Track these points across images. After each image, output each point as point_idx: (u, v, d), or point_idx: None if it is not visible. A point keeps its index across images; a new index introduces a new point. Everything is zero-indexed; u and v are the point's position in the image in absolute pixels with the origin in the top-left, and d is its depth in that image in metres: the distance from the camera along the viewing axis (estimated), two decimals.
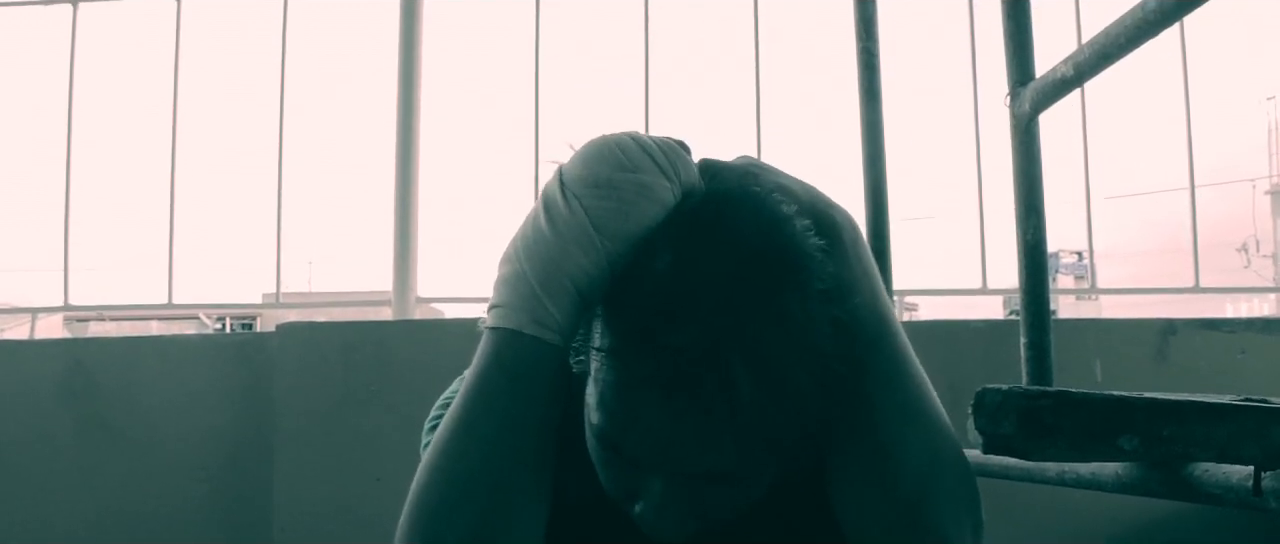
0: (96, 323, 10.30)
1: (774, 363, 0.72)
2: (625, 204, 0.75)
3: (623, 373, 0.73)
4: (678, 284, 0.72)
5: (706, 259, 0.73)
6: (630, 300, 0.74)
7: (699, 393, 0.70)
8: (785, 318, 0.72)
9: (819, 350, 0.74)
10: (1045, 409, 0.77)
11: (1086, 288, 3.11)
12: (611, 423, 0.75)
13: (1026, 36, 1.52)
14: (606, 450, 0.77)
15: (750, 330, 0.71)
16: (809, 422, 0.77)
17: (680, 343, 0.70)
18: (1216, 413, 0.77)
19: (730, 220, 0.75)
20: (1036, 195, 1.52)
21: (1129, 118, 12.18)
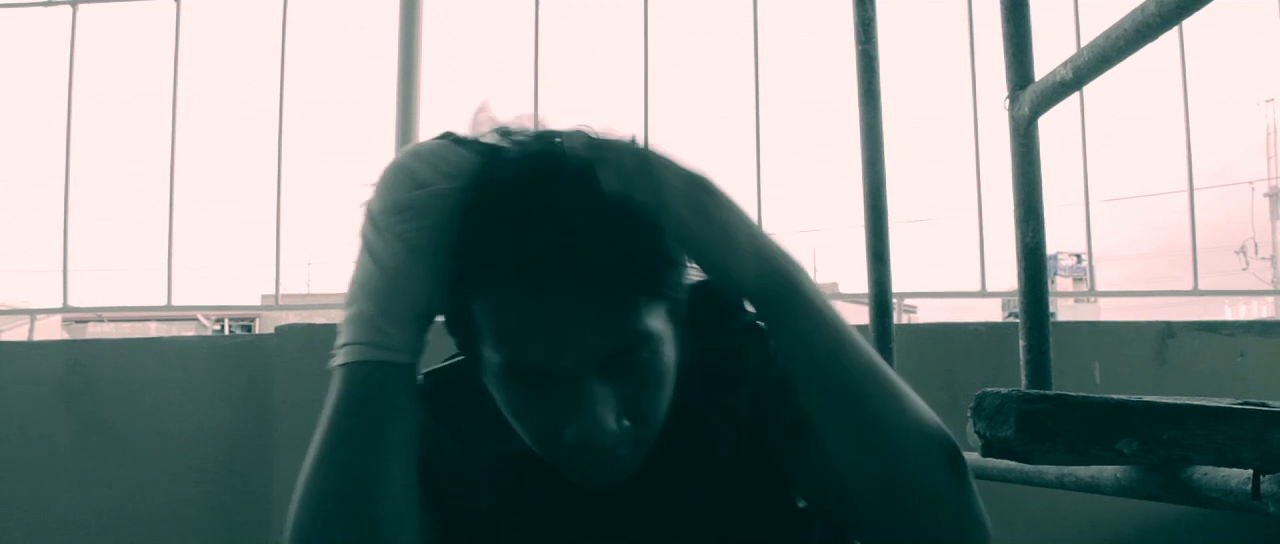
0: (95, 324, 10.30)
1: (597, 235, 0.77)
2: (435, 214, 0.80)
3: (502, 315, 0.79)
4: (493, 229, 0.78)
5: (503, 202, 0.79)
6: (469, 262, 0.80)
7: (560, 284, 0.77)
8: (587, 187, 0.77)
9: (632, 217, 0.77)
10: (1044, 413, 0.77)
11: (1086, 291, 3.11)
12: (509, 347, 0.80)
13: (1026, 40, 1.52)
14: (517, 380, 0.81)
15: (564, 217, 0.77)
16: (660, 275, 0.81)
17: (529, 253, 0.77)
18: (1215, 416, 0.77)
19: (511, 168, 0.81)
20: (1036, 198, 1.52)
21: (1128, 120, 12.24)
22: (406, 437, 0.82)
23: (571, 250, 0.77)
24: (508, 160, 0.82)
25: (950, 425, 0.83)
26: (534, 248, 0.77)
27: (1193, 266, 2.46)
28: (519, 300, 0.78)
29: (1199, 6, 0.96)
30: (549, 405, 0.81)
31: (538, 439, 0.85)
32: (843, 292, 3.29)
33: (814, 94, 12.19)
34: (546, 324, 0.78)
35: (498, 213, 0.79)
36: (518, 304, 0.78)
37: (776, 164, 2.65)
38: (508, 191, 0.79)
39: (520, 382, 0.81)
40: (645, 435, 0.85)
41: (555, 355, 0.79)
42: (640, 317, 0.81)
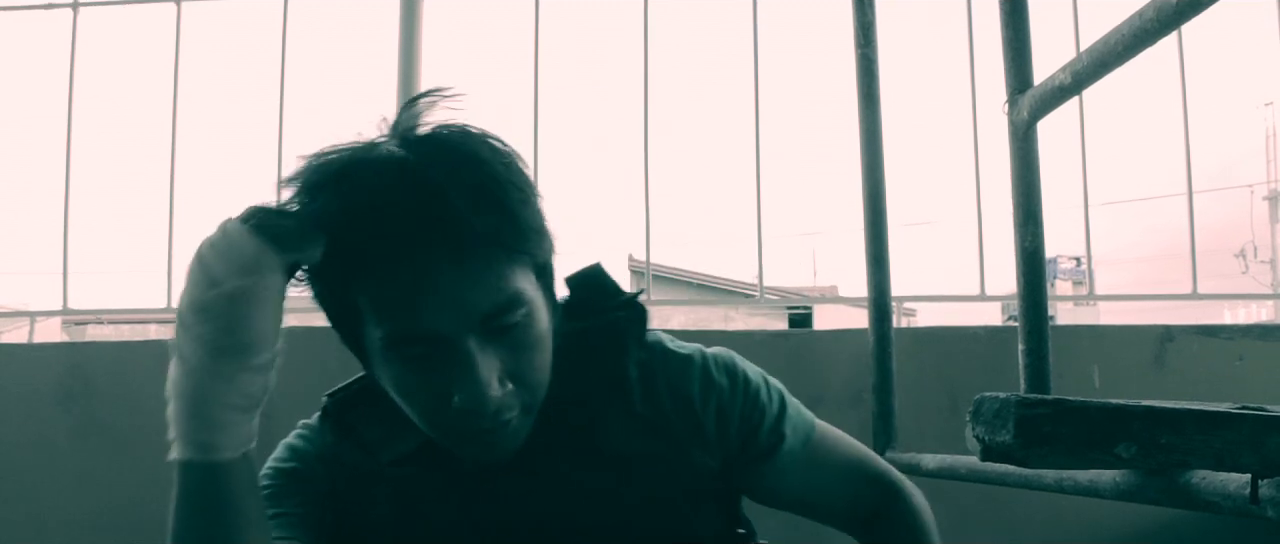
0: (94, 326, 10.29)
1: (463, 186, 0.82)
2: (232, 313, 0.80)
3: (382, 287, 0.83)
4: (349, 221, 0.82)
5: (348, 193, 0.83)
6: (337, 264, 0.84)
7: (432, 249, 0.81)
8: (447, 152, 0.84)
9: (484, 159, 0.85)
10: (1043, 417, 0.77)
11: (1085, 294, 3.11)
12: (391, 317, 0.83)
13: (1025, 44, 1.52)
14: (403, 353, 0.84)
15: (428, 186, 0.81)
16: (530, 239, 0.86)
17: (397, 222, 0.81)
18: (1214, 421, 0.77)
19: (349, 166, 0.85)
20: (1035, 202, 1.52)
21: (1127, 123, 12.27)
22: (249, 522, 0.84)
23: (440, 214, 0.81)
24: (371, 145, 0.86)
25: (949, 429, 0.84)
26: (404, 215, 0.81)
27: (1192, 270, 2.46)
28: (395, 269, 0.81)
29: (1197, 11, 0.96)
30: (434, 376, 0.84)
31: (428, 414, 0.88)
32: (842, 295, 3.28)
33: (814, 97, 12.11)
34: (424, 288, 0.81)
35: (367, 188, 0.82)
36: (394, 273, 0.82)
37: (776, 167, 2.65)
38: (375, 167, 0.83)
39: (405, 356, 0.84)
40: (530, 402, 0.89)
41: (434, 317, 0.82)
42: (512, 278, 0.84)
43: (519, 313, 0.85)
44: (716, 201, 40.98)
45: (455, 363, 0.83)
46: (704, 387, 1.00)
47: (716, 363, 1.02)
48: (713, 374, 1.01)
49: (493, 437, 0.88)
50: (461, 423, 0.86)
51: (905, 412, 2.02)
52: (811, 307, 14.75)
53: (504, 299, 0.84)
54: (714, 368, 1.01)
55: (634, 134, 2.52)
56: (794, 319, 14.92)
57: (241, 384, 0.81)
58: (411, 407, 0.88)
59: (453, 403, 0.84)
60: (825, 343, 2.26)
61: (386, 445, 0.95)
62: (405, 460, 0.94)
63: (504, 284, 0.84)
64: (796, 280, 19.64)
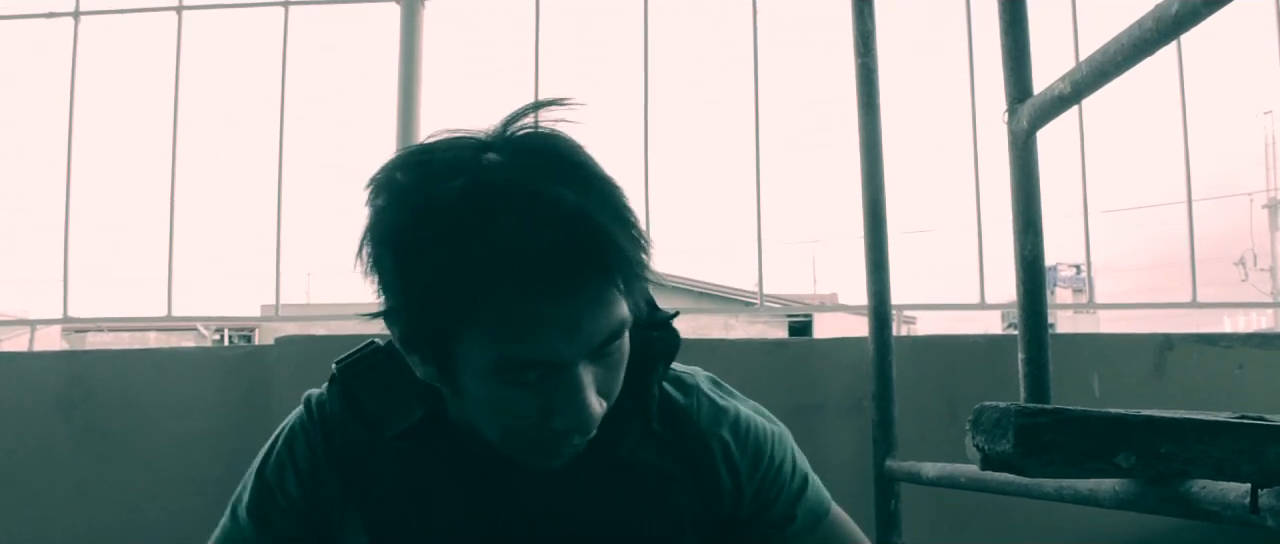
0: (94, 334, 10.29)
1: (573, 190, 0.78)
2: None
3: (508, 314, 0.78)
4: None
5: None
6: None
7: (567, 278, 0.76)
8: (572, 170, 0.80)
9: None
10: (1043, 426, 0.77)
11: (1085, 303, 3.11)
12: (515, 343, 0.78)
13: (1024, 54, 1.53)
14: (511, 376, 0.80)
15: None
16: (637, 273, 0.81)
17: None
18: (1213, 430, 0.77)
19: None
20: (1034, 211, 1.52)
21: (1127, 131, 12.25)
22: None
23: (597, 256, 0.77)
24: (490, 165, 0.79)
25: (949, 438, 0.84)
26: (564, 257, 0.76)
27: (1192, 278, 2.46)
28: (526, 298, 0.76)
29: (1197, 21, 0.96)
30: (537, 397, 0.82)
31: (518, 433, 0.86)
32: (842, 302, 3.28)
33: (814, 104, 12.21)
34: (553, 318, 0.78)
35: (521, 225, 0.76)
36: (526, 301, 0.76)
37: (777, 174, 2.65)
38: (499, 191, 0.77)
39: (515, 379, 0.81)
40: (605, 414, 0.87)
41: (556, 345, 0.79)
42: (625, 303, 0.82)
43: (625, 337, 0.85)
44: (716, 209, 40.98)
45: (564, 386, 0.81)
46: (729, 443, 0.99)
47: (751, 427, 1.01)
48: (744, 436, 1.00)
49: (575, 449, 0.88)
50: (554, 439, 0.85)
51: (905, 420, 2.02)
52: (811, 314, 14.74)
53: (619, 325, 0.82)
54: (746, 429, 1.01)
55: (634, 141, 2.52)
56: (794, 327, 14.92)
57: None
58: (498, 422, 0.86)
59: (552, 423, 0.83)
60: (825, 351, 2.26)
61: (389, 419, 0.94)
62: (409, 434, 0.93)
63: (623, 310, 0.82)
64: (796, 288, 19.64)
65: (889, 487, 1.94)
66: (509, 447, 0.88)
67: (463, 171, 0.78)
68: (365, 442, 0.95)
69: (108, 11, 2.57)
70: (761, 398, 1.08)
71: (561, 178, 0.78)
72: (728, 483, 0.99)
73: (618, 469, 0.95)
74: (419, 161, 0.82)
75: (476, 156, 0.80)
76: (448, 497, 0.94)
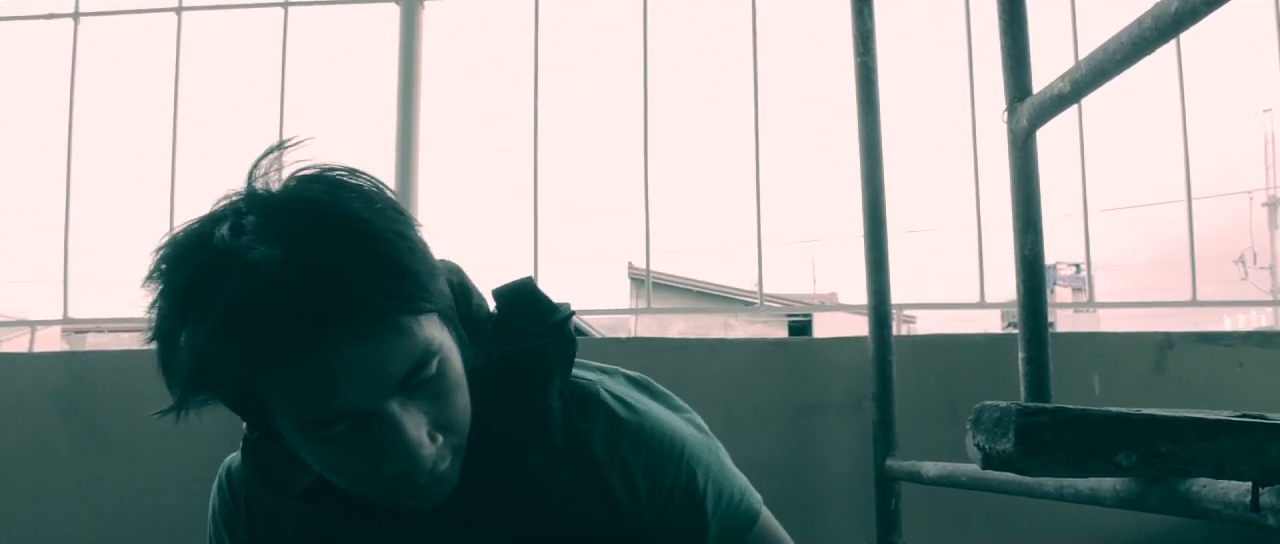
0: (94, 334, 10.29)
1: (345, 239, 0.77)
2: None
3: (289, 380, 0.78)
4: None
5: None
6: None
7: (331, 331, 0.75)
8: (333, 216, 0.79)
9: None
10: (1043, 426, 0.77)
11: (1084, 302, 3.10)
12: (306, 405, 0.78)
13: (1024, 53, 1.53)
14: (323, 434, 0.80)
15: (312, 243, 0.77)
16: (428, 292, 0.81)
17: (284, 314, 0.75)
18: (1214, 429, 0.77)
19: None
20: (1034, 210, 1.52)
21: (1126, 130, 12.26)
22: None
23: (336, 298, 0.75)
24: (234, 230, 0.78)
25: (949, 437, 0.84)
26: (298, 309, 0.74)
27: (1191, 276, 2.46)
28: (299, 360, 0.76)
29: (1196, 20, 0.96)
30: (362, 447, 0.81)
31: (360, 482, 0.85)
32: (842, 302, 3.28)
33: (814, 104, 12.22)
34: (335, 372, 0.77)
35: (256, 287, 0.74)
36: (299, 364, 0.76)
37: (776, 174, 2.66)
38: (251, 266, 0.75)
39: (327, 436, 0.80)
40: (458, 444, 0.86)
41: (351, 396, 0.78)
42: (419, 332, 0.80)
43: (433, 364, 0.82)
44: (716, 209, 40.97)
45: (380, 431, 0.80)
46: (627, 458, 0.95)
47: (653, 439, 0.97)
48: (646, 449, 0.96)
49: (430, 489, 0.86)
50: (397, 485, 0.84)
51: (905, 419, 2.02)
52: (811, 314, 14.73)
53: (417, 357, 0.80)
54: (648, 442, 0.96)
55: (634, 141, 2.52)
56: (794, 327, 14.92)
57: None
58: (341, 480, 0.85)
59: (383, 469, 0.81)
60: (825, 350, 2.26)
61: (293, 479, 0.93)
62: (312, 492, 0.92)
63: (414, 342, 0.80)
64: (796, 287, 19.64)
65: (889, 486, 1.94)
66: (373, 494, 0.87)
67: (194, 253, 0.79)
68: (275, 500, 0.96)
69: (107, 13, 2.57)
70: (762, 398, 1.07)
71: (314, 232, 0.77)
72: (626, 497, 0.95)
73: (523, 492, 0.93)
74: (168, 250, 0.81)
75: (211, 233, 0.79)
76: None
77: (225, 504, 1.02)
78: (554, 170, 2.41)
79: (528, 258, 2.56)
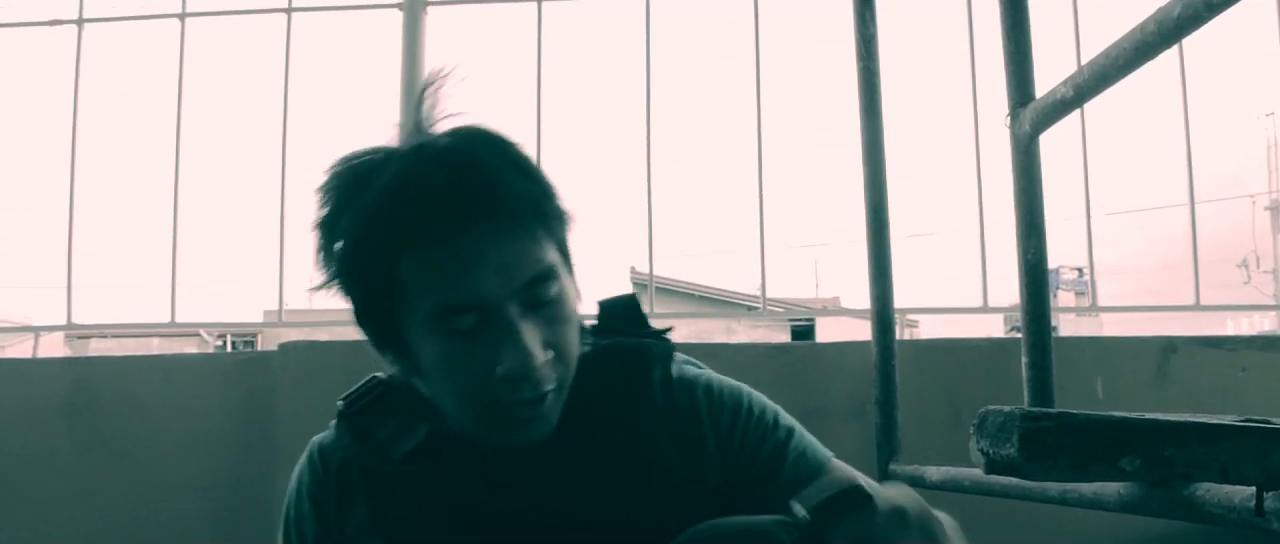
0: (98, 340, 10.30)
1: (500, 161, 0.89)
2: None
3: (433, 258, 0.86)
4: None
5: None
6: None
7: (480, 221, 0.86)
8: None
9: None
10: (1047, 431, 0.77)
11: (1088, 306, 3.10)
12: (442, 287, 0.86)
13: (1026, 58, 1.53)
14: (448, 326, 0.87)
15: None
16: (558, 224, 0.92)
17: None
18: (1218, 434, 0.77)
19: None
20: (1037, 215, 1.52)
21: (1129, 134, 12.26)
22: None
23: (486, 184, 0.86)
24: (418, 141, 0.91)
25: (952, 442, 0.84)
26: (451, 187, 0.86)
27: (1195, 281, 2.46)
28: (442, 243, 0.86)
29: (1199, 25, 0.96)
30: (479, 347, 0.87)
31: (470, 391, 0.90)
32: (845, 307, 3.29)
33: (817, 107, 12.23)
34: (471, 256, 0.86)
35: (416, 170, 0.87)
36: (443, 243, 0.86)
37: (779, 178, 2.66)
38: (417, 151, 0.89)
39: (451, 329, 0.87)
40: (563, 376, 0.92)
41: (481, 284, 0.86)
42: (548, 251, 0.90)
43: (555, 286, 0.90)
44: (719, 213, 40.98)
45: (500, 331, 0.87)
46: (701, 404, 1.02)
47: (724, 386, 1.05)
48: (718, 393, 1.03)
49: (533, 410, 0.90)
50: (505, 394, 0.89)
51: (908, 424, 2.02)
52: (814, 319, 14.73)
53: (543, 269, 0.89)
54: (720, 388, 1.04)
55: (637, 145, 2.53)
56: (796, 331, 14.91)
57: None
58: (454, 384, 0.91)
59: (496, 373, 0.87)
60: (828, 355, 2.26)
61: (397, 442, 0.97)
62: (417, 454, 0.96)
63: (542, 255, 0.89)
64: (799, 292, 19.63)
65: None
66: (477, 418, 0.92)
67: (363, 154, 0.91)
68: (379, 470, 0.98)
69: (111, 19, 2.58)
70: None
71: (473, 137, 0.90)
72: (712, 442, 1.00)
73: (623, 464, 0.97)
74: (339, 159, 0.92)
75: (377, 147, 0.92)
76: (460, 509, 0.96)
77: (315, 478, 1.02)
78: (557, 173, 2.40)
79: None
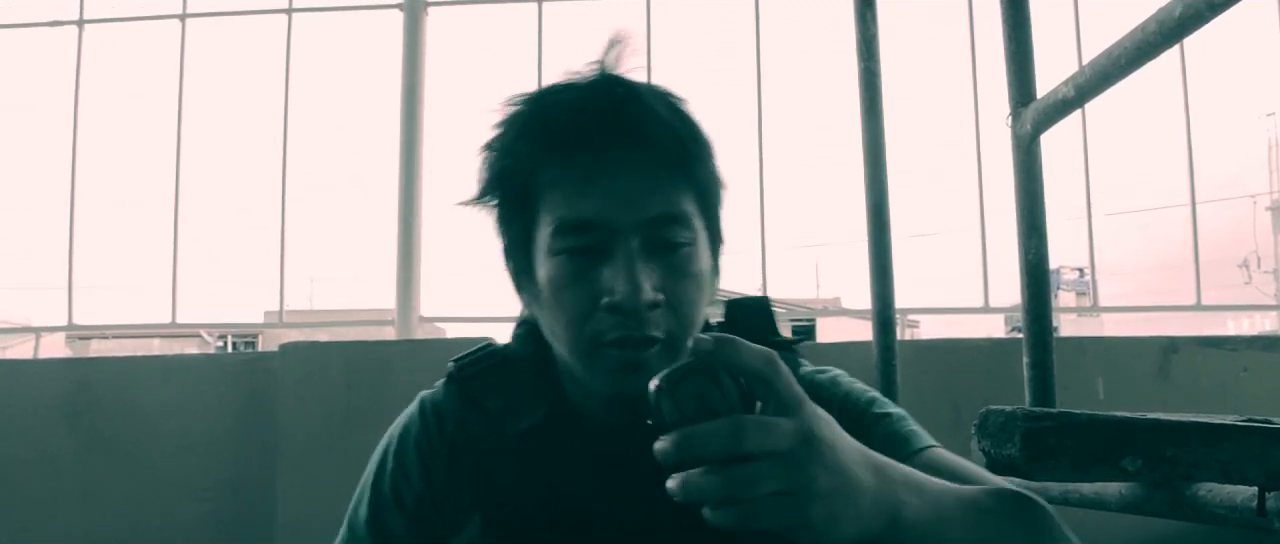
0: (98, 341, 10.29)
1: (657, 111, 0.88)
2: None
3: (566, 173, 0.87)
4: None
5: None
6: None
7: (618, 146, 0.85)
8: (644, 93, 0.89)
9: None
10: (1048, 431, 0.78)
11: (1088, 307, 3.10)
12: (569, 202, 0.86)
13: (1028, 58, 1.53)
14: (568, 244, 0.87)
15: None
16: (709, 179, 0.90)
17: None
18: (1219, 434, 0.77)
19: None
20: (1038, 215, 1.52)
21: (1130, 134, 12.20)
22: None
23: (632, 111, 0.86)
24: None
25: (953, 442, 0.84)
26: (598, 104, 0.86)
27: (1196, 280, 2.46)
28: (582, 158, 0.86)
29: (1200, 25, 0.96)
30: (593, 273, 0.86)
31: (578, 319, 0.87)
32: (846, 307, 3.29)
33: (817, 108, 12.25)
34: (602, 174, 0.85)
35: (569, 86, 0.89)
36: (581, 161, 0.86)
37: (780, 178, 2.65)
38: (582, 77, 0.90)
39: (570, 249, 0.86)
40: (675, 334, 0.87)
41: (606, 206, 0.85)
42: (684, 200, 0.87)
43: (684, 235, 0.87)
44: None
45: (616, 259, 0.85)
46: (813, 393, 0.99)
47: (824, 376, 1.03)
48: (825, 384, 1.01)
49: (635, 354, 0.86)
50: (610, 327, 0.85)
51: None
52: (815, 318, 14.71)
53: (674, 211, 0.86)
54: (825, 379, 1.02)
55: None
56: (797, 331, 14.90)
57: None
58: (564, 312, 0.88)
59: (603, 303, 0.85)
60: (829, 355, 2.26)
61: (512, 417, 0.95)
62: (531, 433, 0.93)
63: (678, 201, 0.87)
64: (800, 292, 19.61)
65: None
66: (580, 359, 0.88)
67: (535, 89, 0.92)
68: (485, 441, 0.95)
69: (112, 20, 2.58)
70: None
71: (637, 79, 0.90)
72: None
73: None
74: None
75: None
76: (571, 494, 0.93)
77: (427, 435, 0.99)
78: None
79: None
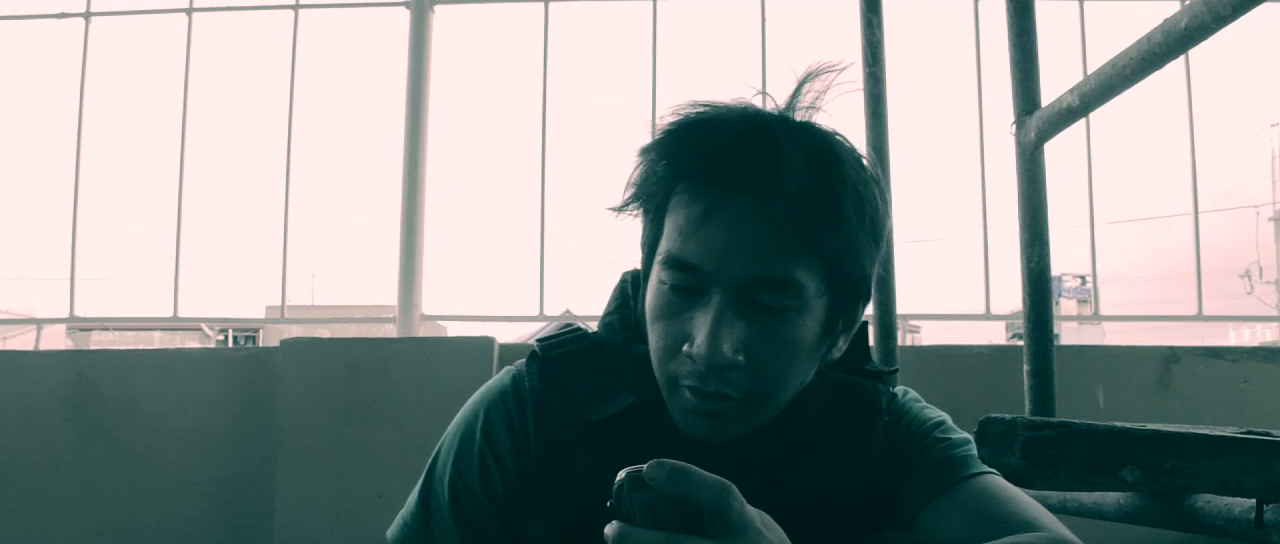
0: (99, 333, 10.30)
1: (804, 168, 0.83)
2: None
3: (690, 205, 0.84)
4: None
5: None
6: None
7: (748, 195, 0.82)
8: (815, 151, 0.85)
9: (848, 182, 0.85)
10: (1048, 440, 0.77)
11: (1090, 315, 3.10)
12: (681, 235, 0.84)
13: (1032, 66, 1.53)
14: (671, 278, 0.85)
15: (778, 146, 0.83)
16: (849, 250, 0.84)
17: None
18: (1218, 446, 0.77)
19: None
20: (1041, 223, 1.52)
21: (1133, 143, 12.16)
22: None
23: (761, 168, 0.82)
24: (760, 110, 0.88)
25: None
26: (738, 151, 0.83)
27: (1197, 290, 2.46)
28: (709, 193, 0.83)
29: (1205, 36, 0.96)
30: (685, 315, 0.84)
31: (663, 351, 0.87)
32: None
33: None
34: (715, 220, 0.82)
35: (720, 114, 0.86)
36: (707, 196, 0.83)
37: None
38: (739, 107, 0.87)
39: (671, 283, 0.85)
40: (756, 394, 0.85)
41: (706, 252, 0.82)
42: (798, 267, 0.82)
43: (787, 300, 0.83)
44: None
45: (703, 312, 0.83)
46: (910, 446, 0.95)
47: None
48: (899, 410, 0.98)
49: (705, 404, 0.85)
50: (684, 374, 0.85)
51: None
52: None
53: (779, 275, 0.82)
54: (902, 407, 0.99)
55: None
56: None
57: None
58: (655, 335, 0.88)
59: (684, 349, 0.84)
60: None
61: (594, 404, 0.93)
62: (613, 423, 0.91)
63: (788, 261, 0.82)
64: None
65: None
66: (662, 382, 0.88)
67: (723, 106, 0.89)
68: (566, 429, 0.93)
69: (118, 13, 2.58)
70: None
71: (794, 127, 0.86)
72: (890, 485, 0.94)
73: (820, 494, 0.91)
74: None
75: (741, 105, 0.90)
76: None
77: (520, 412, 0.96)
78: (560, 173, 2.41)
79: (534, 259, 2.57)
